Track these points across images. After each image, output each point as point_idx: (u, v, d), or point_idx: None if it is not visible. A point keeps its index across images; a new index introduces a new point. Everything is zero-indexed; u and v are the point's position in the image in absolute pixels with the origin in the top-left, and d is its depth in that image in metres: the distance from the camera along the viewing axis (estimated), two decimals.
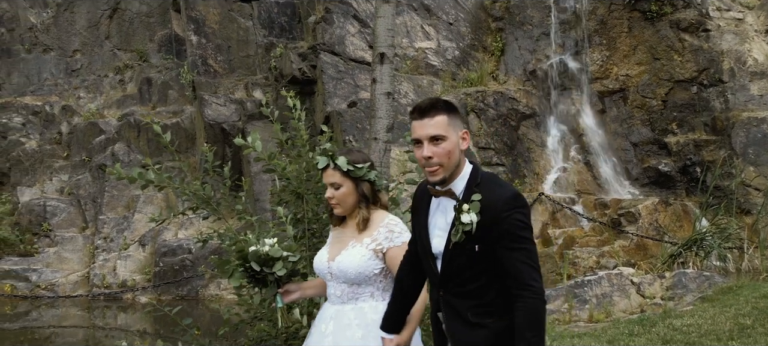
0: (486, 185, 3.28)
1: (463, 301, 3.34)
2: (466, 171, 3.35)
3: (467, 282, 3.32)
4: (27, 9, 18.84)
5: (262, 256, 4.05)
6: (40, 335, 12.59)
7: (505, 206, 3.21)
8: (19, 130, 17.33)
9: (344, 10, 14.91)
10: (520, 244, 3.20)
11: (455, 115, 3.36)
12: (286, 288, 4.18)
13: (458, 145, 3.32)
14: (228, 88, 15.78)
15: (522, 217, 3.22)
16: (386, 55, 5.16)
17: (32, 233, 15.18)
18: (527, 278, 3.18)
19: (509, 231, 3.19)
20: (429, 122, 3.32)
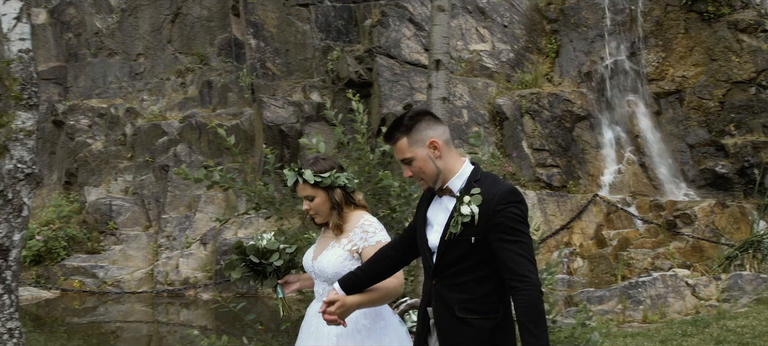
0: (485, 182, 3.37)
1: (453, 294, 3.40)
2: (464, 170, 3.45)
3: (461, 274, 3.38)
4: (93, 14, 19.48)
5: (260, 249, 4.30)
6: (107, 330, 13.00)
7: (501, 199, 3.28)
8: (85, 131, 17.92)
9: (400, 14, 15.11)
10: (516, 236, 3.26)
11: (416, 131, 3.43)
12: (286, 279, 4.43)
13: (429, 156, 3.42)
14: (286, 90, 16.10)
15: (518, 211, 3.29)
16: (442, 62, 5.35)
17: (99, 231, 15.69)
18: (523, 269, 3.23)
19: (504, 224, 3.26)
20: (395, 149, 3.50)
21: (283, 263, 4.37)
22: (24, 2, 5.71)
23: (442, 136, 3.46)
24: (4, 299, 5.28)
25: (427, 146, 3.42)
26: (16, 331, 5.30)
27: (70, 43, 19.38)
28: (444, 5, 5.39)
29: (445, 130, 3.52)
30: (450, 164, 3.44)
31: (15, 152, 5.48)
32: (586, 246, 12.67)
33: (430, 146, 3.42)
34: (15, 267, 5.42)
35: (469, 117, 14.04)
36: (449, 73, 5.75)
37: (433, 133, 3.43)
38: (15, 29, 5.63)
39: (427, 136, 3.42)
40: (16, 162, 5.48)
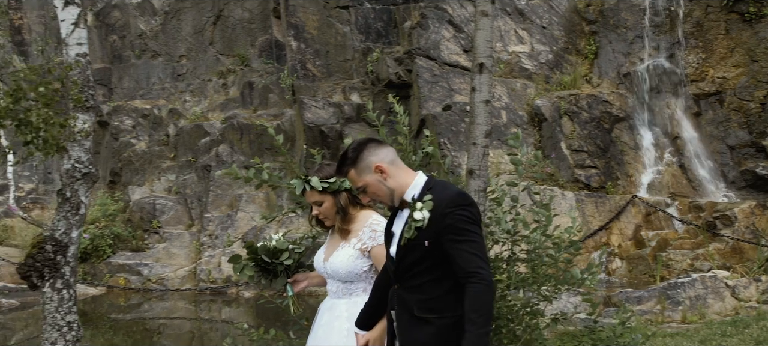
0: (437, 189, 3.55)
1: (412, 295, 3.57)
2: (418, 181, 3.64)
3: (418, 276, 3.55)
4: (137, 17, 19.86)
5: (271, 249, 4.47)
6: (151, 326, 13.25)
7: (449, 203, 3.46)
8: (129, 132, 18.30)
9: (439, 16, 15.23)
10: (465, 236, 3.41)
11: (361, 160, 3.65)
12: (295, 278, 4.66)
13: (378, 180, 3.62)
14: (326, 91, 16.29)
15: (466, 213, 3.44)
16: (485, 65, 5.47)
17: (143, 230, 16.02)
18: (472, 265, 3.37)
19: (454, 225, 3.41)
20: (349, 180, 3.74)
21: (292, 262, 4.58)
22: (81, 9, 5.94)
23: (386, 159, 3.66)
24: (64, 294, 5.51)
25: (374, 172, 3.62)
26: (75, 323, 5.53)
27: (114, 45, 19.78)
28: (488, 10, 5.52)
29: (389, 151, 3.71)
30: (400, 181, 3.63)
31: (73, 153, 5.71)
32: (625, 247, 12.68)
33: (377, 171, 3.62)
34: (73, 263, 5.66)
35: (508, 118, 14.11)
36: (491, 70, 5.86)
37: (377, 158, 3.64)
38: (73, 35, 5.87)
39: (372, 163, 3.62)
40: (74, 162, 5.71)
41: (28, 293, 13.85)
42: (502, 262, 6.03)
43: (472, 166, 5.67)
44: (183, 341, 12.36)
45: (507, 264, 6.01)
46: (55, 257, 5.46)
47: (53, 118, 4.81)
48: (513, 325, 5.89)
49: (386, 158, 3.66)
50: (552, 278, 5.82)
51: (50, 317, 5.44)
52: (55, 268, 5.45)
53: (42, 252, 5.45)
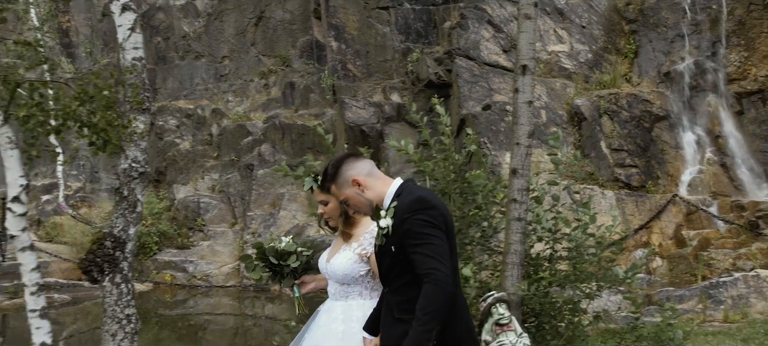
0: (403, 195, 3.70)
1: (393, 297, 3.74)
2: (393, 188, 3.80)
3: (394, 280, 3.72)
4: (181, 19, 20.22)
5: (279, 251, 4.63)
6: (196, 322, 13.53)
7: (407, 209, 3.58)
8: (173, 131, 18.65)
9: (479, 16, 15.32)
10: (422, 239, 3.51)
11: (340, 175, 3.84)
12: (303, 279, 4.79)
13: (357, 192, 3.81)
14: (366, 91, 16.46)
15: (424, 216, 3.55)
16: (528, 67, 5.60)
17: (188, 228, 16.34)
18: (426, 266, 3.48)
19: (411, 230, 3.53)
20: (333, 194, 3.94)
21: (299, 264, 4.73)
22: (137, 14, 6.17)
23: (362, 172, 3.84)
24: (122, 288, 5.74)
25: (352, 185, 3.80)
26: (133, 316, 5.76)
27: (158, 47, 20.15)
28: (530, 13, 5.64)
29: (365, 164, 3.89)
30: (378, 191, 3.80)
31: (130, 153, 5.93)
32: (666, 246, 12.68)
33: (355, 184, 3.80)
34: (130, 259, 5.89)
35: (548, 117, 14.17)
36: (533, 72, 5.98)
37: (354, 172, 3.82)
38: (129, 39, 6.09)
39: (349, 177, 3.81)
40: (131, 162, 5.93)
41: (80, 289, 14.25)
42: (544, 260, 6.15)
43: (515, 165, 5.80)
44: (227, 336, 12.60)
45: (548, 262, 6.13)
46: (114, 252, 5.69)
47: (116, 120, 5.03)
48: (555, 322, 6.00)
49: (363, 171, 3.83)
50: (593, 276, 5.93)
51: (110, 310, 5.67)
52: (114, 263, 5.67)
53: (102, 248, 5.68)
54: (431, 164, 6.24)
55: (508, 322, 5.15)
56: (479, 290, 5.64)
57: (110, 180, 19.95)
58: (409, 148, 6.13)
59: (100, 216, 18.68)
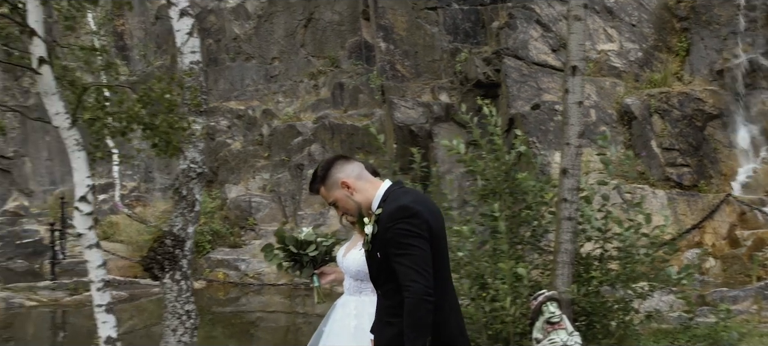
0: (389, 201, 3.67)
1: (382, 301, 3.74)
2: (380, 192, 3.77)
3: (382, 285, 3.70)
4: (232, 21, 20.55)
5: (298, 240, 4.71)
6: (248, 319, 13.75)
7: (389, 218, 3.56)
8: (225, 132, 18.97)
9: (527, 16, 15.32)
10: (403, 249, 3.50)
11: (329, 177, 3.83)
12: (323, 270, 4.89)
13: (346, 195, 3.78)
14: (415, 91, 16.56)
15: (406, 226, 3.52)
16: (578, 68, 5.65)
17: (239, 227, 16.61)
18: (406, 279, 3.47)
19: (393, 239, 3.52)
20: (322, 196, 3.93)
21: (318, 254, 4.83)
22: (195, 19, 6.36)
23: (351, 175, 3.81)
24: (182, 285, 5.94)
25: (340, 187, 3.79)
26: (192, 312, 5.95)
27: (210, 49, 20.49)
28: (580, 14, 5.69)
29: (355, 167, 3.86)
30: (366, 194, 3.77)
31: (188, 154, 6.12)
32: (719, 246, 12.55)
33: (343, 186, 3.79)
34: (189, 256, 6.08)
35: (597, 117, 14.12)
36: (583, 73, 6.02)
37: (342, 174, 3.81)
38: (187, 43, 6.28)
39: (339, 179, 3.80)
40: (189, 162, 6.13)
41: (136, 286, 14.60)
42: (595, 259, 6.18)
43: (565, 165, 5.85)
44: (278, 334, 12.78)
45: (599, 262, 6.16)
46: (173, 250, 5.89)
47: (177, 123, 5.21)
48: (606, 321, 6.03)
49: (352, 174, 3.81)
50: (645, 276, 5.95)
51: (171, 306, 5.87)
52: (174, 261, 5.87)
53: (162, 246, 5.88)
54: (482, 164, 6.31)
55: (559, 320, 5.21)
56: (530, 289, 5.71)
57: (164, 180, 20.36)
58: (460, 148, 6.22)
59: (154, 215, 19.08)
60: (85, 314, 13.82)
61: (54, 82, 4.93)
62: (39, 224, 20.55)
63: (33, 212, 21.32)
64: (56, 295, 14.48)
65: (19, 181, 22.19)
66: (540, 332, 5.18)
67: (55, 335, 13.16)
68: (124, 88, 5.36)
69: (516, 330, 5.63)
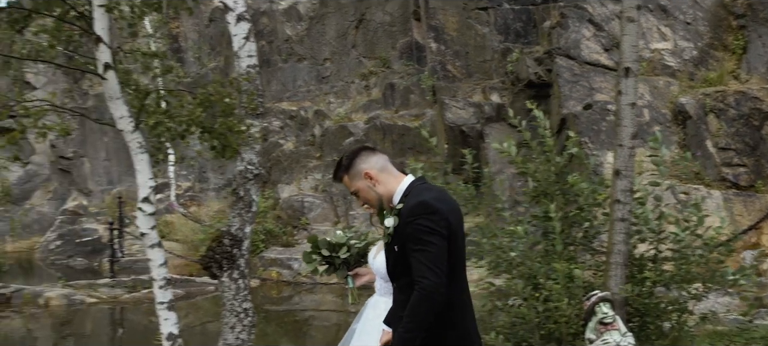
0: (411, 196, 3.71)
1: (399, 295, 3.77)
2: (402, 186, 3.80)
3: (398, 278, 3.76)
4: (284, 23, 20.80)
5: (331, 243, 4.85)
6: (301, 318, 13.93)
7: (409, 213, 3.59)
8: (277, 133, 19.21)
9: (579, 15, 15.24)
10: (420, 245, 3.54)
11: (353, 167, 3.86)
12: (357, 271, 4.95)
13: (368, 186, 3.82)
14: (466, 92, 16.59)
15: (425, 221, 3.55)
16: (631, 70, 5.66)
17: (292, 226, 16.82)
18: (420, 273, 3.52)
19: (412, 234, 3.55)
20: (344, 185, 3.96)
21: (350, 256, 4.91)
22: (251, 23, 6.51)
23: (375, 166, 3.85)
24: (239, 283, 6.09)
25: (363, 178, 3.83)
26: (250, 310, 6.10)
27: (263, 50, 20.74)
28: (633, 16, 5.69)
29: (379, 159, 3.91)
30: (389, 187, 3.81)
31: (245, 155, 6.28)
32: None
33: (366, 177, 3.83)
34: (247, 256, 6.23)
35: (651, 117, 13.99)
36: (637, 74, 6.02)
37: (367, 165, 3.85)
38: (244, 48, 6.43)
39: (362, 170, 3.84)
40: (247, 164, 6.28)
41: (192, 284, 14.88)
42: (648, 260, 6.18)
43: (618, 167, 5.86)
44: (330, 332, 12.91)
45: (653, 262, 6.15)
46: (231, 250, 6.04)
47: (236, 126, 5.36)
48: (660, 322, 6.02)
49: (376, 165, 3.85)
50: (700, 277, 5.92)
51: (229, 304, 6.02)
52: (232, 260, 6.02)
53: (220, 246, 6.04)
54: (533, 166, 6.34)
55: (612, 321, 5.24)
56: (584, 289, 5.74)
57: (217, 180, 20.70)
58: (511, 150, 6.25)
59: (208, 214, 19.41)
60: (142, 311, 14.16)
61: (118, 86, 5.12)
62: (97, 222, 21.08)
63: (91, 211, 21.87)
64: (115, 292, 14.83)
65: (78, 181, 22.78)
66: (593, 333, 5.20)
67: (114, 331, 13.49)
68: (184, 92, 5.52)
69: (569, 330, 5.66)
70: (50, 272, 18.71)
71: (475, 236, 6.31)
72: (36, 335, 13.05)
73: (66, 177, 23.15)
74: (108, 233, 17.82)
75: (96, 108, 21.62)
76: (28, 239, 21.81)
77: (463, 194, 6.26)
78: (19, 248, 21.13)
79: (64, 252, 20.44)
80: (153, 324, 13.28)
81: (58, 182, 23.21)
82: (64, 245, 20.67)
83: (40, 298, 14.25)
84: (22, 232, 21.00)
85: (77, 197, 22.73)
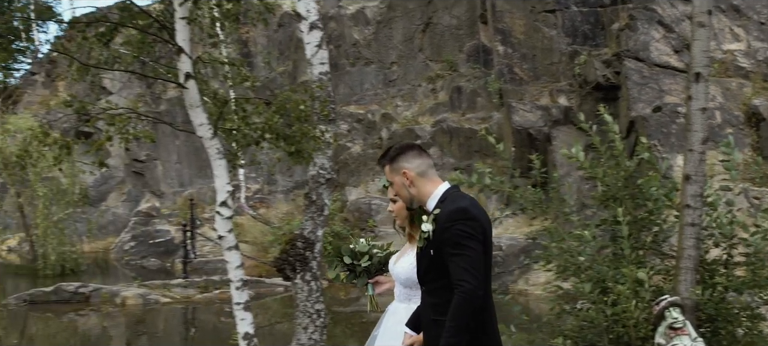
0: (446, 203, 3.80)
1: (430, 298, 3.86)
2: (438, 192, 3.89)
3: (430, 282, 3.83)
4: (352, 27, 21.05)
5: (354, 251, 4.96)
6: (367, 319, 14.06)
7: (448, 218, 3.69)
8: (345, 136, 19.44)
9: (649, 17, 15.08)
10: (458, 249, 3.63)
11: (396, 161, 3.96)
12: (377, 279, 5.02)
13: (403, 183, 3.93)
14: (533, 94, 16.55)
15: (464, 227, 3.65)
16: (702, 75, 5.64)
17: (359, 228, 17.00)
18: (460, 276, 3.61)
19: (451, 239, 3.65)
20: (384, 172, 4.07)
21: (371, 264, 5.01)
22: (324, 32, 6.69)
23: (415, 169, 3.93)
24: (312, 285, 6.27)
25: (401, 175, 3.94)
26: (322, 311, 6.28)
27: (331, 55, 20.89)
28: (704, 21, 5.67)
29: (422, 163, 3.97)
30: (423, 190, 3.92)
31: (317, 160, 6.46)
32: None
33: (403, 176, 3.93)
34: (318, 258, 6.41)
35: (723, 119, 13.77)
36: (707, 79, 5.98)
37: (408, 165, 3.93)
38: (316, 55, 6.62)
39: (402, 168, 3.94)
40: (319, 168, 6.46)
41: (261, 285, 15.19)
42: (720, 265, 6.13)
43: (688, 171, 5.83)
44: None
45: (725, 267, 6.10)
46: (304, 252, 6.23)
47: (310, 132, 5.53)
48: (732, 327, 5.97)
49: (417, 169, 3.93)
50: None
51: (302, 305, 6.21)
52: (304, 262, 6.21)
53: (294, 248, 6.23)
54: (601, 171, 6.34)
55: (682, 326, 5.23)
56: (653, 294, 5.73)
57: (286, 182, 21.05)
58: (579, 156, 6.26)
59: (276, 216, 19.75)
60: (213, 311, 14.52)
61: (198, 95, 5.33)
62: (169, 224, 21.64)
63: (164, 212, 22.46)
64: (188, 292, 15.23)
65: (151, 183, 23.41)
66: (662, 338, 5.20)
67: (187, 330, 13.85)
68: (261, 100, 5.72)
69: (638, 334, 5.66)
70: (125, 271, 19.30)
71: (543, 241, 6.35)
72: (111, 333, 13.48)
73: (139, 179, 23.80)
74: (180, 235, 18.26)
75: (168, 112, 22.22)
76: (104, 239, 22.49)
77: (531, 199, 6.30)
78: (95, 249, 21.80)
79: (137, 252, 21.05)
80: (223, 324, 13.65)
81: (132, 184, 23.88)
82: (138, 245, 21.29)
83: (117, 297, 14.73)
84: (98, 233, 21.66)
85: (150, 199, 23.36)
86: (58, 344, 12.66)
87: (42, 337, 13.16)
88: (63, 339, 12.96)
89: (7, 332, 13.47)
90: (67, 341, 12.86)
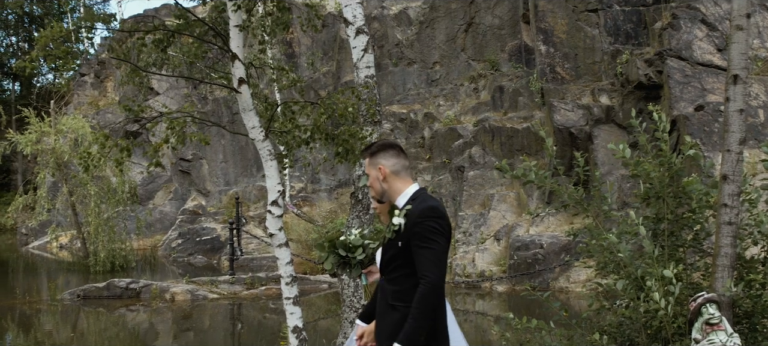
0: (417, 201, 4.10)
1: (389, 286, 4.13)
2: (409, 190, 4.18)
3: (393, 271, 4.10)
4: (394, 27, 21.26)
5: (347, 244, 5.17)
6: None
7: (420, 214, 3.98)
8: (388, 135, 19.65)
9: (691, 15, 15.07)
10: (427, 244, 3.91)
11: (375, 156, 4.26)
12: (369, 269, 5.29)
13: (377, 177, 4.23)
14: (575, 94, 16.61)
15: (434, 224, 3.95)
16: (739, 77, 5.75)
17: None
18: (426, 269, 3.87)
19: (420, 233, 3.93)
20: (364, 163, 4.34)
21: (365, 256, 5.28)
22: (370, 36, 6.91)
23: (391, 167, 4.24)
24: (358, 281, 6.48)
25: (377, 169, 4.24)
26: None
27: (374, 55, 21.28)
28: (743, 24, 5.77)
29: (398, 163, 4.27)
30: (395, 187, 4.21)
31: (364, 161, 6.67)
32: None
33: (379, 170, 4.23)
34: None
35: (766, 117, 13.73)
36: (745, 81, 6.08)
37: (385, 162, 4.24)
38: (363, 59, 6.84)
39: (379, 163, 4.24)
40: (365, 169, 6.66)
41: (306, 282, 15.48)
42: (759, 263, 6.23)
43: (725, 171, 5.93)
44: None
45: (762, 265, 6.20)
46: None
47: (358, 132, 5.76)
48: None
49: (392, 166, 4.24)
50: None
51: (348, 300, 6.44)
52: None
53: None
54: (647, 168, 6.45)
55: (719, 322, 5.36)
56: (691, 290, 5.86)
57: (329, 181, 21.34)
58: (626, 152, 6.38)
59: (320, 215, 20.05)
60: (259, 307, 14.85)
61: (251, 99, 5.59)
62: (215, 222, 22.08)
63: (210, 210, 22.90)
64: (235, 289, 15.58)
65: (197, 182, 23.87)
66: (699, 333, 5.33)
67: (233, 325, 14.17)
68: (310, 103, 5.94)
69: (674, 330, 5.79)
70: (173, 268, 19.75)
71: (584, 238, 6.51)
72: (158, 328, 13.84)
73: (186, 178, 24.29)
74: (227, 232, 18.61)
75: (213, 112, 22.66)
76: (152, 236, 23.00)
77: (573, 196, 6.45)
78: (143, 246, 22.31)
79: (184, 250, 21.52)
80: (268, 320, 13.96)
81: (179, 183, 24.38)
82: (185, 243, 21.76)
83: (166, 293, 15.15)
84: (146, 230, 22.14)
85: (196, 198, 23.83)
86: (109, 337, 13.07)
87: (94, 331, 13.59)
88: (113, 333, 13.37)
89: (62, 325, 13.95)
90: (117, 335, 13.26)
